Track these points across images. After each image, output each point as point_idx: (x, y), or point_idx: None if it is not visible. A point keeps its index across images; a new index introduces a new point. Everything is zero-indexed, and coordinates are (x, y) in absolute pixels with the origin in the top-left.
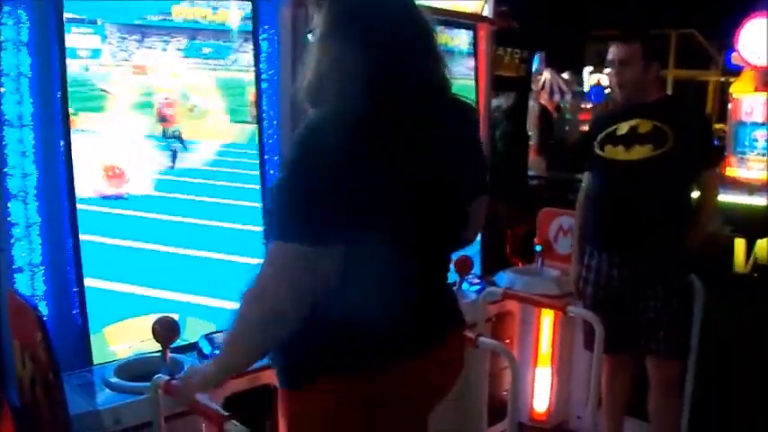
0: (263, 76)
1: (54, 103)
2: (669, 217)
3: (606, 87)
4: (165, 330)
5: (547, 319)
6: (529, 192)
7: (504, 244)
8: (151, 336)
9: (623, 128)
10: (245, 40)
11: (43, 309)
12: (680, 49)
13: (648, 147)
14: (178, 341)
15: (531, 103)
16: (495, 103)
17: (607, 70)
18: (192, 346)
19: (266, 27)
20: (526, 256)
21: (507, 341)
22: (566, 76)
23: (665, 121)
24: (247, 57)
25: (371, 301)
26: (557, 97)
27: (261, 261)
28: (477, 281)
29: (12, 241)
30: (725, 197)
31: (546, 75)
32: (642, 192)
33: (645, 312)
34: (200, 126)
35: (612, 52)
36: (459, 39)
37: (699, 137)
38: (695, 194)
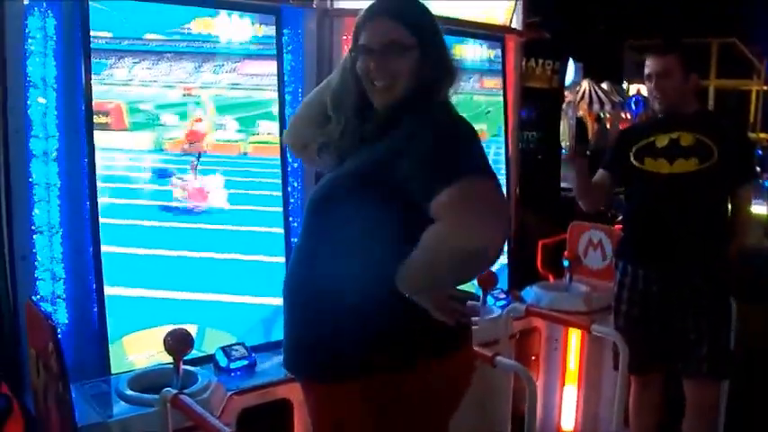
0: (288, 89)
1: (78, 114)
2: (711, 231)
3: (646, 98)
4: (177, 343)
5: (574, 336)
6: (562, 204)
7: (535, 257)
8: None
9: (663, 140)
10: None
11: (63, 317)
12: (721, 59)
13: (694, 160)
14: (195, 353)
15: (570, 113)
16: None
17: (646, 83)
18: (210, 358)
19: (289, 39)
20: (558, 270)
21: (533, 358)
22: (605, 86)
23: (707, 133)
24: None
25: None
26: (596, 107)
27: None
28: (503, 296)
29: (34, 249)
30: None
31: (585, 85)
32: (687, 206)
33: (685, 331)
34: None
35: (650, 65)
36: (488, 51)
37: (740, 151)
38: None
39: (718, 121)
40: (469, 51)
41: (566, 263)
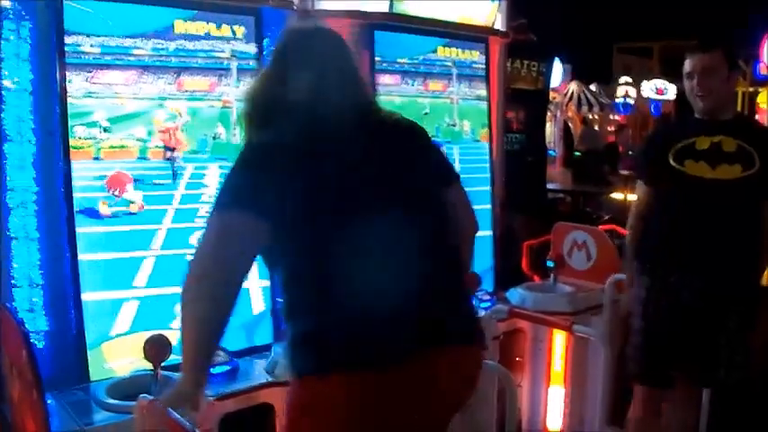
0: None
1: (53, 117)
2: (750, 240)
3: (633, 99)
4: (156, 349)
5: (559, 337)
6: (548, 205)
7: (520, 258)
8: None
9: (703, 143)
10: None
11: (42, 324)
12: None
13: (738, 167)
14: (176, 358)
15: (558, 115)
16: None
17: (686, 82)
18: None
19: (270, 42)
20: (543, 271)
21: (518, 359)
22: (593, 87)
23: (747, 140)
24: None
25: (360, 301)
26: (584, 109)
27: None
28: (487, 297)
29: (10, 255)
30: None
31: (573, 87)
32: (729, 213)
33: (716, 343)
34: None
35: (692, 62)
36: (471, 52)
37: None
38: None
39: (758, 129)
40: (447, 53)
41: (550, 264)
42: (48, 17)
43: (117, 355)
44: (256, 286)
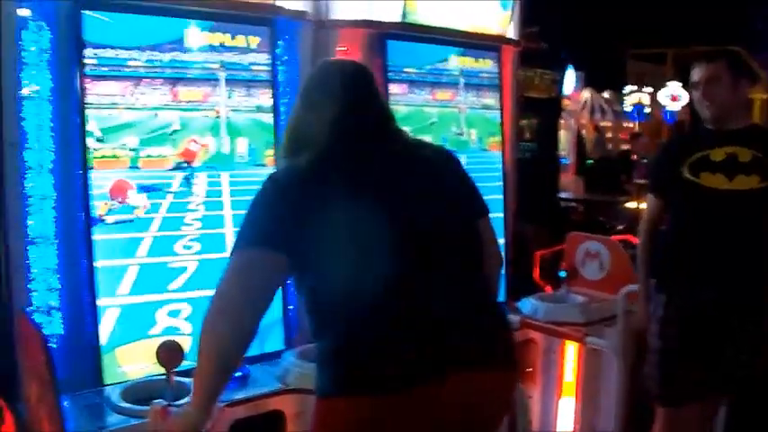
0: (282, 101)
1: (72, 124)
2: (766, 248)
3: (646, 107)
4: (169, 354)
5: (571, 347)
6: (560, 214)
7: (532, 268)
8: None
9: (718, 154)
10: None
11: (58, 327)
12: None
13: (755, 177)
14: (190, 363)
15: (572, 123)
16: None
17: (693, 93)
18: None
19: (283, 51)
20: (555, 281)
21: (530, 370)
22: (606, 95)
23: (763, 150)
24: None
25: (373, 320)
26: (597, 116)
27: None
28: None
29: (28, 260)
30: None
31: (586, 94)
32: (749, 224)
33: (735, 357)
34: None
35: (697, 72)
36: (483, 61)
37: None
38: None
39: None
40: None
41: (563, 274)
42: (67, 27)
43: (131, 360)
44: None
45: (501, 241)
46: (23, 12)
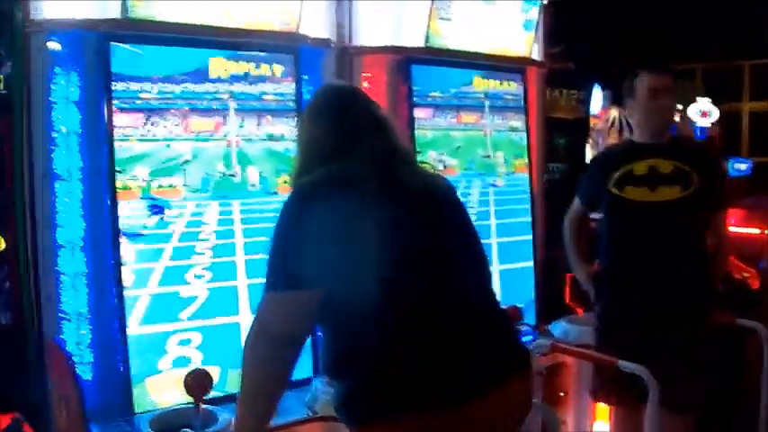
0: None
1: (102, 160)
2: (697, 258)
3: (676, 123)
4: (197, 383)
5: None
6: (591, 235)
7: (564, 291)
8: None
9: (641, 168)
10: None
11: (88, 356)
12: (754, 81)
13: (677, 188)
14: (218, 393)
15: (600, 141)
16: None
17: (647, 102)
18: (232, 398)
19: (309, 79)
20: (587, 304)
21: (562, 394)
22: None
23: (683, 160)
24: None
25: (402, 350)
26: (626, 135)
27: None
28: (529, 331)
29: (59, 290)
30: None
31: (614, 112)
32: (673, 233)
33: (654, 365)
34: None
35: (656, 81)
36: (508, 83)
37: (717, 177)
38: None
39: (692, 148)
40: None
41: None
42: (95, 61)
43: (161, 389)
44: None
45: (529, 264)
46: (54, 45)
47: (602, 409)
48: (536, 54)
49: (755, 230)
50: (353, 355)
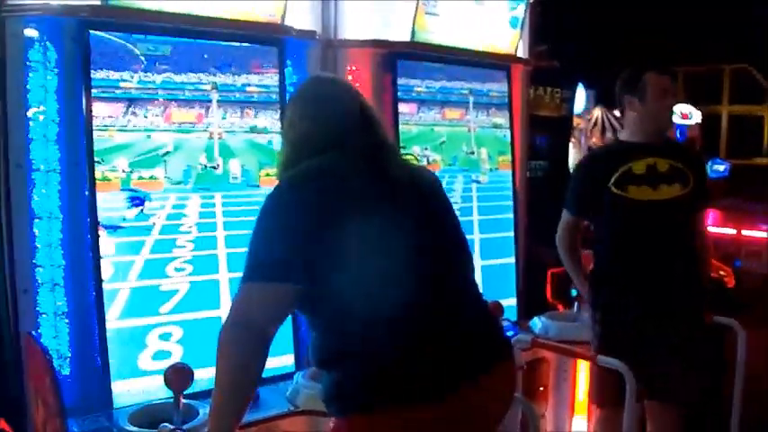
0: None
1: (80, 150)
2: (692, 254)
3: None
4: (177, 377)
5: (582, 366)
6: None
7: (545, 287)
8: None
9: (639, 167)
10: None
11: (66, 351)
12: (734, 84)
13: (677, 186)
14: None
15: (582, 141)
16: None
17: (659, 101)
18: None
19: (293, 71)
20: (568, 300)
21: (542, 389)
22: (617, 113)
23: (677, 159)
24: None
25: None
26: (608, 135)
27: None
28: (510, 327)
29: (36, 285)
30: None
31: (597, 112)
32: (675, 230)
33: (650, 363)
34: None
35: (666, 83)
36: (493, 81)
37: (705, 177)
38: None
39: (682, 148)
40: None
41: (574, 292)
42: (74, 48)
43: (140, 383)
44: None
45: (511, 261)
46: (30, 32)
47: (581, 403)
48: (521, 52)
49: (732, 231)
50: (345, 346)
